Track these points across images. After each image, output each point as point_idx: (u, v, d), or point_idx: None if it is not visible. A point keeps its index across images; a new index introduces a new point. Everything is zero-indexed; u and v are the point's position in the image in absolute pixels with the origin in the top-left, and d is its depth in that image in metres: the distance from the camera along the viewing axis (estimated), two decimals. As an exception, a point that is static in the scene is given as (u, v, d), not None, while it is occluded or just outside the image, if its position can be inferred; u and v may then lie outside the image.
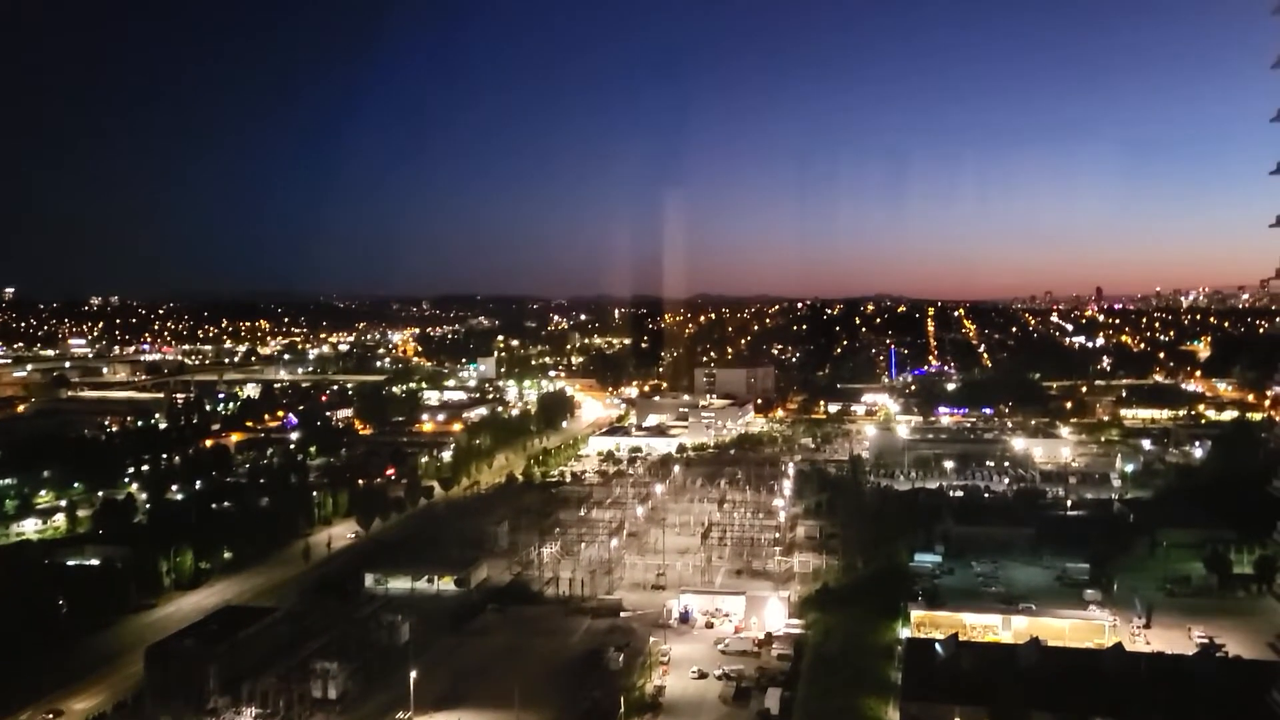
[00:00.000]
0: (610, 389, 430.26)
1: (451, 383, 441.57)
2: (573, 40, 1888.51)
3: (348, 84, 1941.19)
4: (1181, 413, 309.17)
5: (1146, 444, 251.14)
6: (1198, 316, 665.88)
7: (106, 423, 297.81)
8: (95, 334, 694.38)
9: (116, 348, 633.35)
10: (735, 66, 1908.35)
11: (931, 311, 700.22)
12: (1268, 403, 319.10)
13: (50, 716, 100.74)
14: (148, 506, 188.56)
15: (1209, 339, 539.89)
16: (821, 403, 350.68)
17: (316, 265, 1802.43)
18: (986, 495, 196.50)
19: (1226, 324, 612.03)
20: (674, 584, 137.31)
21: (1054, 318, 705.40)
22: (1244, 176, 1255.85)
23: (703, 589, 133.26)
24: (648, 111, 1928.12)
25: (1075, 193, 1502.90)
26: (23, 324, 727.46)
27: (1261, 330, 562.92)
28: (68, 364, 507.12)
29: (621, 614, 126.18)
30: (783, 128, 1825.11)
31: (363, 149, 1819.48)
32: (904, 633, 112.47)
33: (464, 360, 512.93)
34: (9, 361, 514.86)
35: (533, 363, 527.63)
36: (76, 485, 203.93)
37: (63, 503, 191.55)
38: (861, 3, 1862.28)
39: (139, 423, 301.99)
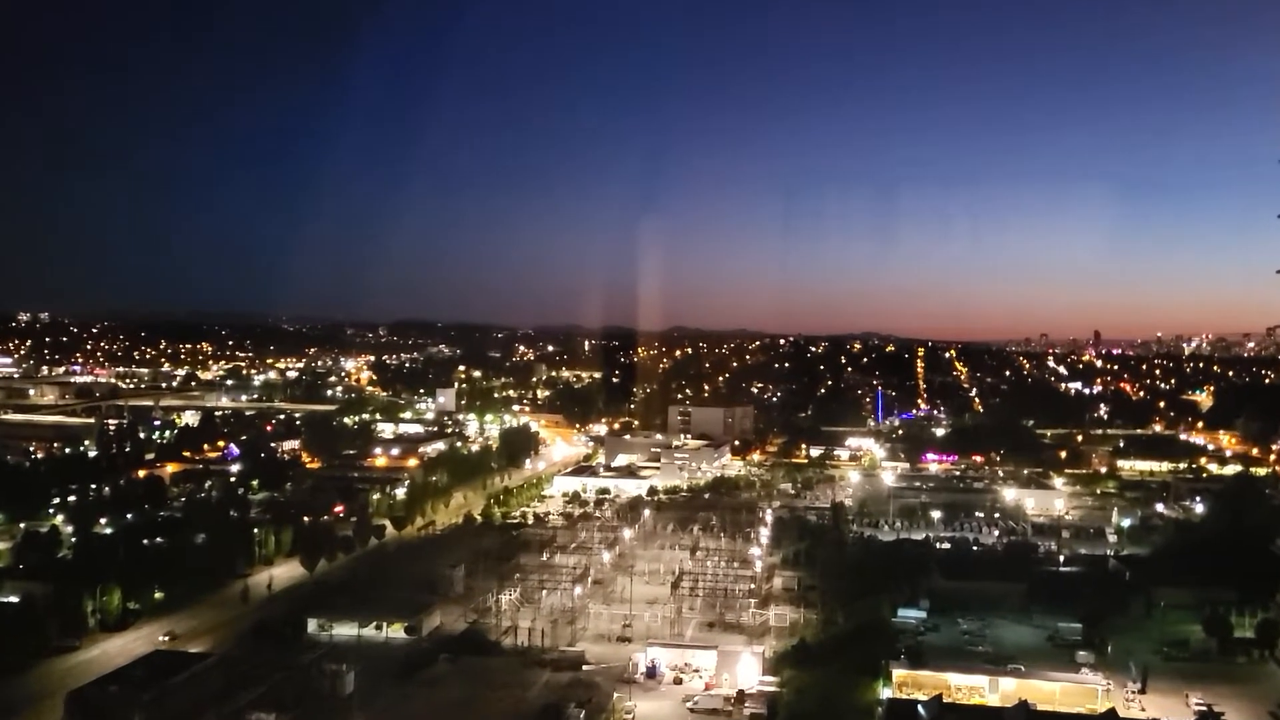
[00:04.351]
0: (578, 426, 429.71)
1: (408, 415, 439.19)
2: (547, 56, 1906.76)
3: (303, 94, 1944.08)
4: (1182, 465, 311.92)
5: (1149, 499, 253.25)
6: (1200, 364, 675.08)
7: (31, 448, 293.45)
8: (22, 352, 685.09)
9: (45, 368, 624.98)
10: (718, 89, 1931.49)
11: (921, 352, 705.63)
12: (1273, 457, 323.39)
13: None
14: (74, 540, 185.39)
15: (1212, 388, 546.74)
16: (803, 446, 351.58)
17: (265, 285, 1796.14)
18: (975, 548, 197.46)
19: (1231, 373, 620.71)
20: (641, 636, 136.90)
21: (1049, 362, 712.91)
22: (1251, 219, 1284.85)
23: (672, 642, 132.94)
24: (625, 134, 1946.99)
25: (1073, 231, 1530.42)
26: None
27: (1268, 380, 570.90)
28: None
29: (584, 667, 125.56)
30: (767, 154, 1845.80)
31: (319, 163, 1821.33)
32: (885, 693, 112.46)
33: (422, 391, 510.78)
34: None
35: (495, 396, 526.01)
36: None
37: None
38: (850, 28, 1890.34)
39: (67, 449, 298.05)
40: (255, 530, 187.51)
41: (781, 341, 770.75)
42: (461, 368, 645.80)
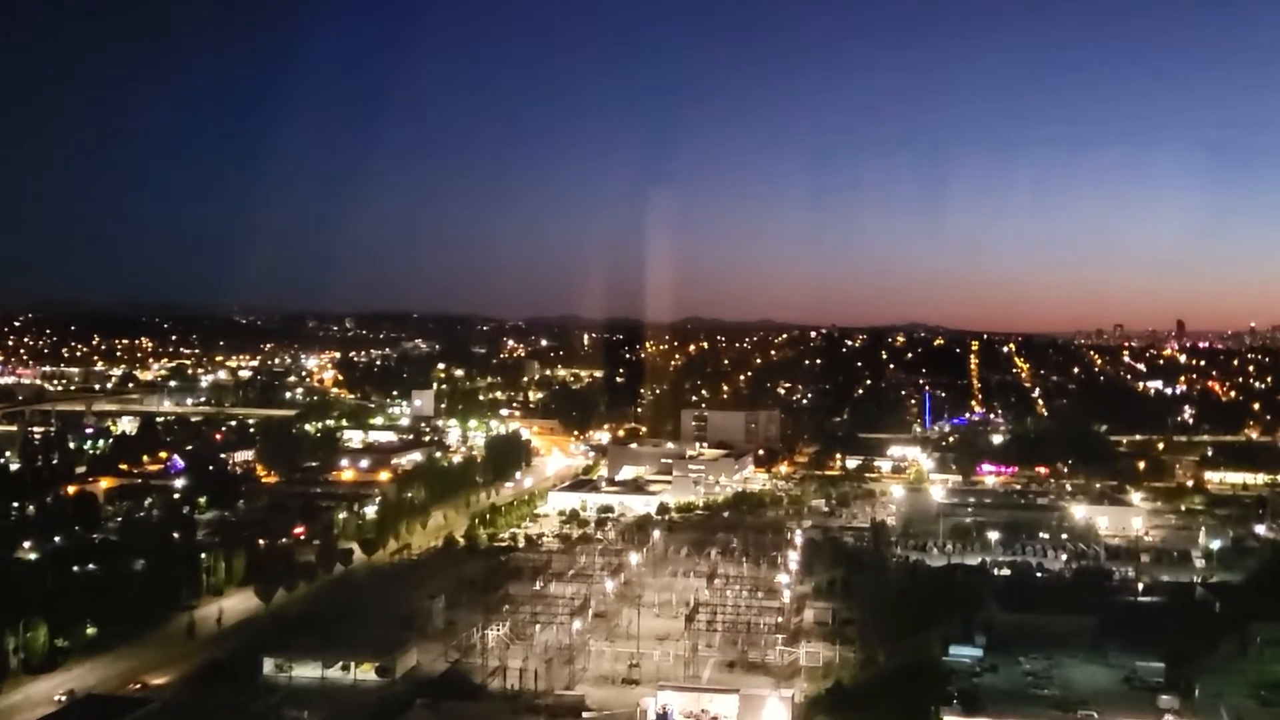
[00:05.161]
0: (576, 433, 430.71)
1: (379, 421, 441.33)
2: (541, 17, 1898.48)
3: (257, 57, 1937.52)
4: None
5: (1243, 518, 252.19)
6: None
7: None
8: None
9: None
10: (737, 47, 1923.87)
11: (975, 346, 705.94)
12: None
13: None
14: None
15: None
16: (838, 456, 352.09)
17: (213, 272, 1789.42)
18: (1039, 575, 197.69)
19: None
20: (650, 677, 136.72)
21: (1125, 357, 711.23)
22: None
23: (686, 685, 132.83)
24: (631, 98, 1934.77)
25: (1152, 206, 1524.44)
26: None
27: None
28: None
29: (584, 714, 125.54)
30: (795, 121, 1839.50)
31: (275, 133, 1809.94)
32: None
33: (395, 393, 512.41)
34: None
35: (481, 398, 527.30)
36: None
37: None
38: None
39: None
40: (203, 555, 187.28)
41: (813, 334, 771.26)
42: (441, 366, 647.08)
